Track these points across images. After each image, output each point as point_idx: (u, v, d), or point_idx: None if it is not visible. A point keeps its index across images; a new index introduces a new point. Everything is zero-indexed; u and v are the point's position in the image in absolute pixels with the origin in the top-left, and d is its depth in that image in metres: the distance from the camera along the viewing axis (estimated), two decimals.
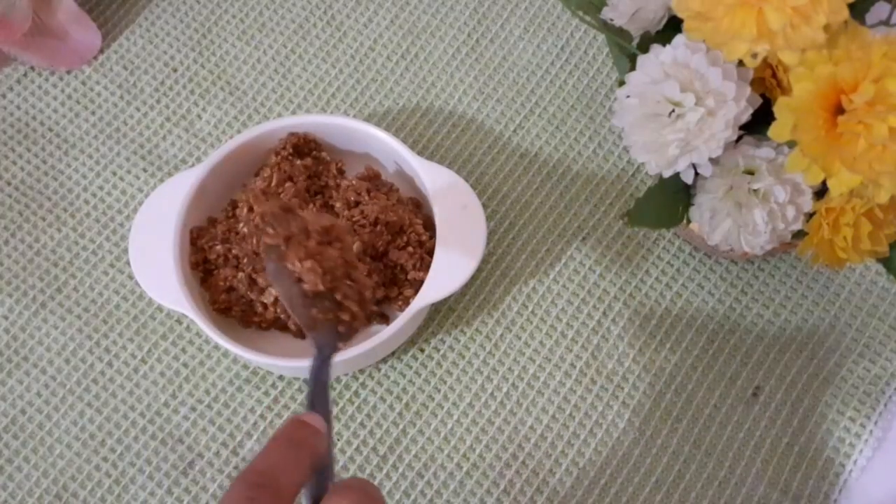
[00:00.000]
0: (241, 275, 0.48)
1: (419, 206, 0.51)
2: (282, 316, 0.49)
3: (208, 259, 0.49)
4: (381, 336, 0.45)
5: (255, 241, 0.47)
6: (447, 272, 0.47)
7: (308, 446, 0.32)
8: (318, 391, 0.35)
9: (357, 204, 0.49)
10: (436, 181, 0.49)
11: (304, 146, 0.51)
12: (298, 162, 0.50)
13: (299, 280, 0.37)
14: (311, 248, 0.37)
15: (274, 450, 0.31)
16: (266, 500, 0.29)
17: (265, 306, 0.49)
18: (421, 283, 0.47)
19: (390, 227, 0.48)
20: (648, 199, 0.44)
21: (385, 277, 0.48)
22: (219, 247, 0.49)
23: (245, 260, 0.48)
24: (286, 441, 0.32)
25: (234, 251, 0.49)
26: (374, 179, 0.51)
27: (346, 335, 0.38)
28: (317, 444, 0.32)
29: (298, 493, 0.31)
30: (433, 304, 0.50)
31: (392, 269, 0.48)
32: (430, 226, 0.50)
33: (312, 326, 0.37)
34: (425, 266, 0.47)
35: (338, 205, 0.49)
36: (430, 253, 0.48)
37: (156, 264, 0.47)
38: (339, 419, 0.49)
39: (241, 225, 0.48)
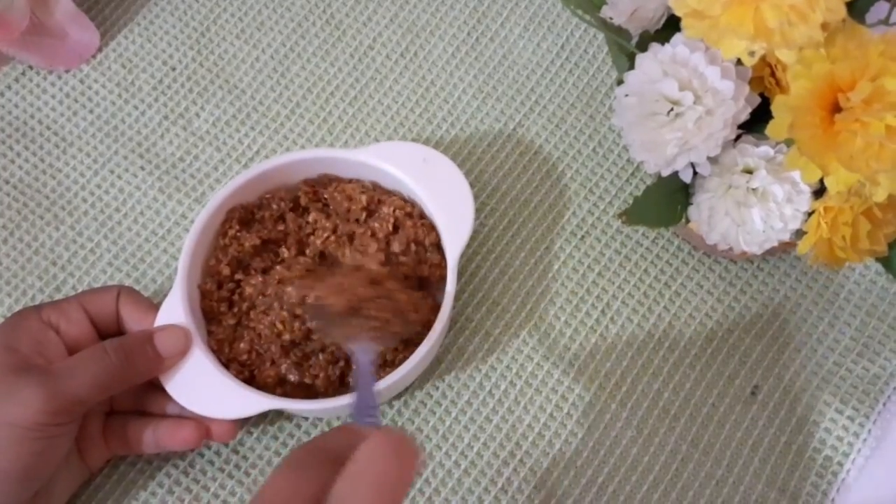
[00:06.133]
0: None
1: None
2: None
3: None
4: (431, 335, 0.45)
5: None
6: (453, 230, 0.47)
7: (359, 436, 0.33)
8: (365, 393, 0.39)
9: (396, 230, 0.49)
10: (406, 164, 0.49)
11: (247, 217, 0.50)
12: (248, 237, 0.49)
13: (329, 307, 0.42)
14: (329, 281, 0.43)
15: (329, 434, 0.33)
16: (325, 457, 0.31)
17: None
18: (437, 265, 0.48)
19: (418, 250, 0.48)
20: (647, 198, 0.44)
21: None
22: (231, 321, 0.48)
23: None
24: (340, 429, 0.34)
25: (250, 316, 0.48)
26: (378, 191, 0.50)
27: (384, 339, 0.42)
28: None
29: None
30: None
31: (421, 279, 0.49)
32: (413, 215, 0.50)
33: (349, 339, 0.41)
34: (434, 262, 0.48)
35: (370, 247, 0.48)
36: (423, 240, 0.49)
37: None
38: (338, 418, 0.49)
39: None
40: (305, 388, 0.46)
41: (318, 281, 0.44)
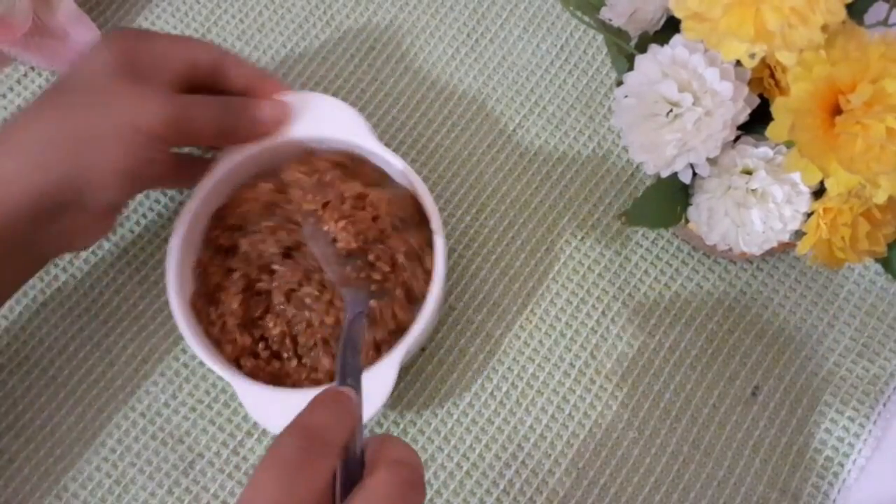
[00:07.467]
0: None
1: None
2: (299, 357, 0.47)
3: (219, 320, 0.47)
4: (433, 293, 0.44)
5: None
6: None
7: (348, 409, 0.33)
8: (350, 349, 0.37)
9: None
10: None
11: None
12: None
13: (334, 241, 0.40)
14: (344, 211, 0.40)
15: (318, 409, 0.32)
16: (318, 451, 0.30)
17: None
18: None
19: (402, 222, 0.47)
20: (646, 199, 0.45)
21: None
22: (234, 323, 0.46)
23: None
24: (328, 402, 0.33)
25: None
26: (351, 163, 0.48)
27: (378, 294, 0.41)
28: (354, 410, 0.33)
29: (342, 451, 0.31)
30: None
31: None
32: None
33: (346, 283, 0.40)
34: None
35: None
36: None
37: None
38: None
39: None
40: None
41: (325, 198, 0.42)
